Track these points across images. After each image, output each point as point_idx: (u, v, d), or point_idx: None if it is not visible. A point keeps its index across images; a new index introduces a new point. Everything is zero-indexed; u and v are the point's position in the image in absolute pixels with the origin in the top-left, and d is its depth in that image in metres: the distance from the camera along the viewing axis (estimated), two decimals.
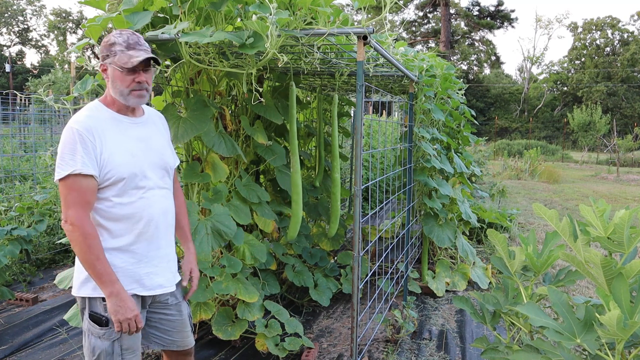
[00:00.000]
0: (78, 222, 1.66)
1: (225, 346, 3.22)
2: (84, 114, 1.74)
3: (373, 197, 6.99)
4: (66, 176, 1.66)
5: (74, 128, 1.69)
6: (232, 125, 3.13)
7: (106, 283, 1.70)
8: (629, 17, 57.81)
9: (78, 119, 1.72)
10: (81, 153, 1.66)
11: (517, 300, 1.98)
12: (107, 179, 1.73)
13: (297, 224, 3.15)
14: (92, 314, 1.79)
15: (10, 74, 37.30)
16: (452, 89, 4.42)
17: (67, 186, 1.67)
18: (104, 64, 1.78)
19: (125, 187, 1.77)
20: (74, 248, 1.69)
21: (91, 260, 1.68)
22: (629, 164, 21.65)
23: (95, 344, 1.78)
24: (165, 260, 1.93)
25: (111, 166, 1.73)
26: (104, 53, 1.77)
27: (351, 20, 2.41)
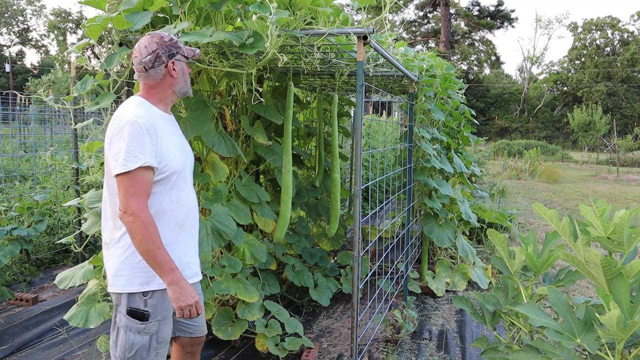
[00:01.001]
0: (140, 212, 1.69)
1: (225, 346, 3.22)
2: (141, 110, 1.79)
3: (373, 197, 6.99)
4: (135, 169, 1.70)
5: (139, 122, 1.73)
6: (232, 125, 3.13)
7: (167, 271, 1.73)
8: (629, 17, 57.86)
9: (139, 114, 1.76)
10: (149, 146, 1.73)
11: (517, 300, 1.98)
12: (163, 173, 1.81)
13: (285, 225, 3.13)
14: (131, 310, 1.82)
15: (10, 74, 37.30)
16: (452, 89, 4.42)
17: (131, 178, 1.70)
18: (173, 62, 1.85)
19: (177, 180, 1.88)
20: (135, 239, 1.71)
21: (153, 250, 1.71)
22: (629, 164, 21.64)
23: (134, 339, 1.82)
24: (197, 250, 2.06)
25: (167, 161, 1.81)
26: (170, 51, 1.84)
27: (351, 20, 2.41)
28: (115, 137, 1.74)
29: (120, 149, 1.71)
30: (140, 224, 1.69)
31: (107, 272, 1.88)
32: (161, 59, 1.83)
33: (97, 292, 2.61)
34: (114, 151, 1.73)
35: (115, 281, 1.84)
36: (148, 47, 1.83)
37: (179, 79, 1.90)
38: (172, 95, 1.92)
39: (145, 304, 1.83)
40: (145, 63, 1.83)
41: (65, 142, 8.18)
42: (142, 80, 1.88)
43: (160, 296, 1.87)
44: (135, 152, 1.71)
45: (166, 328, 1.91)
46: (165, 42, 1.85)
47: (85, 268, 2.66)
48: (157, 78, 1.85)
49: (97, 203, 2.62)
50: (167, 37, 1.87)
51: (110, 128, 1.79)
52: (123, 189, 1.71)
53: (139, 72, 1.86)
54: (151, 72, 1.84)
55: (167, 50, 1.84)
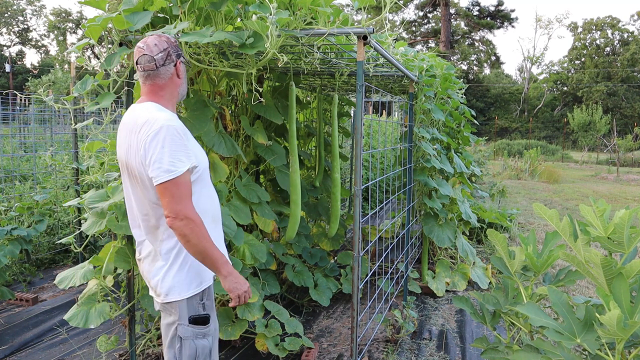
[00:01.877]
0: (192, 214, 1.70)
1: (225, 346, 3.22)
2: (167, 114, 1.78)
3: (373, 197, 6.99)
4: (184, 173, 1.70)
5: (174, 126, 1.72)
6: (232, 125, 3.13)
7: (223, 265, 1.76)
8: (629, 17, 57.85)
9: (170, 118, 1.75)
10: (189, 148, 1.75)
11: (517, 300, 1.98)
12: (197, 171, 1.81)
13: (296, 224, 3.15)
14: (194, 318, 1.84)
15: (10, 74, 37.30)
16: (452, 89, 4.42)
17: (179, 182, 1.69)
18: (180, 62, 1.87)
19: (205, 177, 1.90)
20: (190, 242, 1.70)
21: (209, 248, 1.72)
22: (629, 164, 21.64)
23: (202, 344, 1.86)
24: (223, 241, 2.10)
25: (197, 161, 1.81)
26: (178, 51, 1.86)
27: (351, 20, 2.41)
28: (152, 143, 1.69)
29: (162, 155, 1.68)
30: (194, 226, 1.69)
31: (156, 285, 1.85)
32: (172, 57, 1.83)
33: (97, 292, 2.61)
34: (153, 158, 1.68)
35: (172, 291, 1.82)
36: (159, 45, 1.81)
37: (183, 80, 1.91)
38: (177, 96, 1.92)
39: (204, 307, 1.87)
40: (157, 60, 1.80)
41: (65, 142, 8.18)
42: (149, 81, 1.83)
43: (209, 294, 1.93)
44: (180, 155, 1.70)
45: (217, 325, 1.98)
46: (172, 42, 1.87)
47: (85, 268, 2.66)
48: (166, 77, 1.84)
49: (97, 203, 2.62)
50: (172, 38, 1.89)
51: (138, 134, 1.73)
52: (169, 194, 1.68)
53: (149, 71, 1.81)
54: (162, 70, 1.81)
55: (176, 50, 1.86)
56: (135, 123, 1.77)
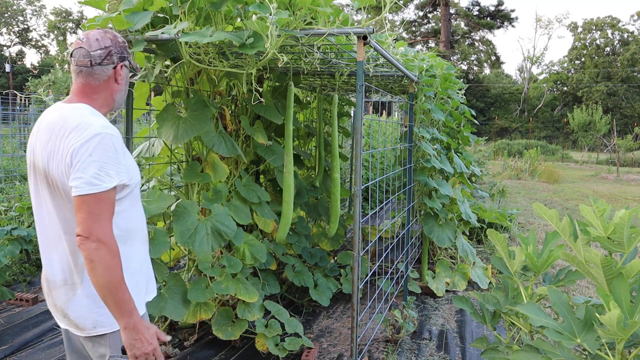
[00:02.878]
0: (107, 239, 1.47)
1: (225, 346, 3.22)
2: (102, 120, 1.58)
3: (373, 197, 6.99)
4: (109, 189, 1.48)
5: (109, 134, 1.52)
6: (232, 125, 3.13)
7: (125, 313, 1.49)
8: (629, 17, 57.83)
9: (105, 124, 1.55)
10: (122, 162, 1.54)
11: (517, 300, 1.98)
12: (129, 187, 1.63)
13: (287, 225, 3.13)
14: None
15: (10, 74, 37.29)
16: (452, 89, 4.42)
17: (101, 199, 1.47)
18: (123, 65, 1.68)
19: (138, 194, 1.72)
20: (95, 270, 1.45)
21: (115, 285, 1.47)
22: (629, 164, 21.65)
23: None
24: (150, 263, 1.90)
25: (129, 177, 1.61)
26: (122, 54, 1.67)
27: (351, 20, 2.41)
28: (80, 150, 1.47)
29: (88, 164, 1.46)
30: (106, 253, 1.45)
31: (78, 317, 1.60)
32: (112, 58, 1.63)
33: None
34: (77, 167, 1.47)
35: (99, 322, 1.60)
36: (101, 40, 1.62)
37: (122, 87, 1.70)
38: (112, 103, 1.70)
39: None
40: (93, 57, 1.60)
41: None
42: (81, 79, 1.62)
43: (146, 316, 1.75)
44: (108, 169, 1.49)
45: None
46: (119, 42, 1.68)
47: None
48: (100, 78, 1.63)
49: None
50: (121, 38, 1.70)
51: (64, 139, 1.51)
52: (87, 210, 1.45)
53: (81, 67, 1.60)
54: (97, 69, 1.61)
55: (120, 51, 1.66)
56: (62, 126, 1.53)
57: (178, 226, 2.57)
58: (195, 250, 2.57)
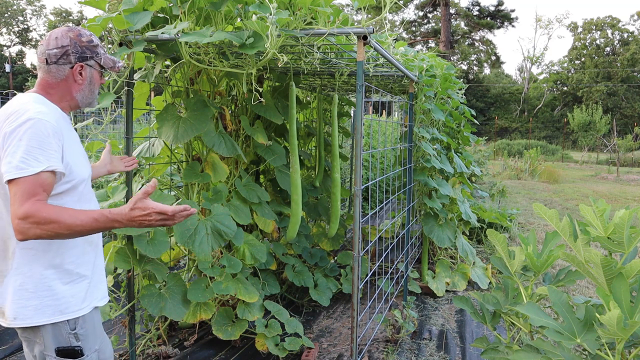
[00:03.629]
0: (32, 211, 1.39)
1: (225, 346, 3.22)
2: (42, 107, 1.53)
3: (373, 197, 6.99)
4: (35, 174, 1.43)
5: (43, 120, 1.48)
6: (232, 125, 3.13)
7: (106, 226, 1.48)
8: (629, 17, 57.84)
9: (42, 111, 1.51)
10: (55, 147, 1.48)
11: (517, 300, 1.98)
12: (69, 181, 1.57)
13: (297, 224, 3.14)
14: (60, 350, 1.56)
15: (10, 74, 37.29)
16: (452, 89, 4.42)
17: (26, 182, 1.41)
18: (82, 65, 1.64)
19: (83, 190, 1.66)
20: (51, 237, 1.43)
21: (79, 230, 1.44)
22: (629, 164, 21.65)
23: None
24: (103, 267, 1.83)
25: (73, 167, 1.57)
26: (82, 53, 1.63)
27: (351, 20, 2.41)
28: (11, 135, 1.45)
29: (17, 149, 1.43)
30: (45, 223, 1.39)
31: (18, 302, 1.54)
32: (68, 57, 1.60)
33: None
34: (8, 151, 1.44)
35: (29, 312, 1.53)
36: (59, 39, 1.60)
37: (84, 87, 1.67)
38: (71, 100, 1.67)
39: (76, 337, 1.59)
40: (48, 55, 1.59)
41: None
42: (40, 74, 1.63)
43: (90, 320, 1.65)
44: (37, 154, 1.44)
45: (107, 350, 1.74)
46: (81, 41, 1.63)
47: None
48: (57, 77, 1.62)
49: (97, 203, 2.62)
50: (86, 37, 1.64)
51: (5, 125, 1.49)
52: (16, 194, 1.41)
53: (39, 63, 1.61)
54: (52, 67, 1.60)
55: (79, 51, 1.62)
56: (4, 112, 1.52)
57: (178, 226, 2.57)
58: (195, 250, 2.57)
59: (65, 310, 1.58)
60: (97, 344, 1.68)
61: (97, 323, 1.70)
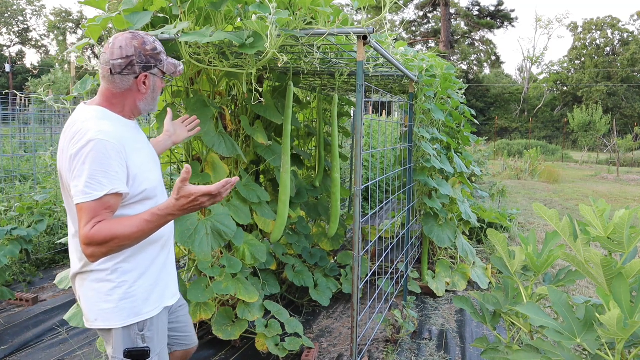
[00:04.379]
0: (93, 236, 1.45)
1: (225, 346, 3.22)
2: (105, 124, 1.54)
3: (373, 197, 6.99)
4: (99, 198, 1.47)
5: (104, 140, 1.48)
6: (232, 125, 3.13)
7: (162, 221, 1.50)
8: (629, 17, 57.86)
9: (103, 129, 1.51)
10: (116, 169, 1.50)
11: (517, 300, 1.98)
12: (140, 192, 1.60)
13: (282, 225, 3.12)
14: (130, 352, 1.63)
15: (10, 74, 37.29)
16: (452, 89, 4.42)
17: (93, 205, 1.47)
18: (147, 75, 1.62)
19: (156, 194, 1.68)
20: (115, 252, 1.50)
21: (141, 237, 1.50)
22: (629, 164, 21.65)
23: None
24: (174, 265, 1.90)
25: (142, 178, 1.60)
26: (147, 63, 1.61)
27: (351, 20, 2.41)
28: (76, 158, 1.48)
29: (81, 172, 1.47)
30: (105, 243, 1.45)
31: (85, 307, 1.64)
32: (133, 68, 1.59)
33: None
34: (74, 174, 1.48)
35: (103, 314, 1.61)
36: (123, 49, 1.58)
37: (147, 96, 1.66)
38: (135, 109, 1.68)
39: (143, 339, 1.65)
40: (112, 66, 1.57)
41: None
42: (103, 83, 1.62)
43: (156, 323, 1.70)
44: (100, 177, 1.46)
45: (165, 355, 1.78)
46: (145, 49, 1.60)
47: None
48: (121, 87, 1.61)
49: None
50: (150, 44, 1.62)
51: (68, 143, 1.52)
52: (82, 217, 1.47)
53: (103, 73, 1.60)
54: (116, 78, 1.59)
55: (145, 61, 1.60)
56: (70, 128, 1.55)
57: (178, 226, 2.57)
58: (195, 250, 2.56)
59: (135, 313, 1.64)
60: (160, 347, 1.73)
61: (162, 326, 1.75)
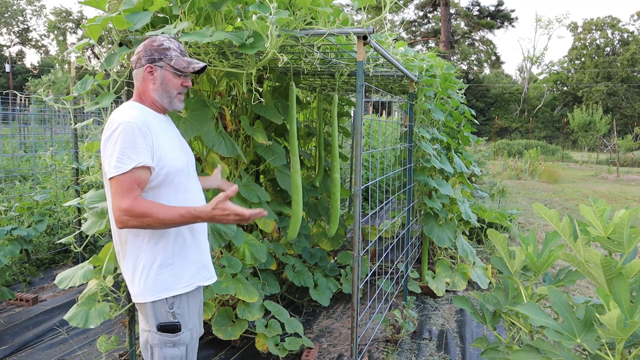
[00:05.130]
0: (130, 206, 1.62)
1: (225, 346, 3.22)
2: (135, 111, 1.75)
3: (373, 197, 6.99)
4: (129, 170, 1.64)
5: (131, 122, 1.68)
6: (232, 125, 3.13)
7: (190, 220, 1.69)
8: (629, 17, 57.86)
9: (132, 114, 1.71)
10: (142, 146, 1.67)
11: (517, 300, 1.97)
12: (164, 174, 1.75)
13: (297, 224, 3.15)
14: (162, 325, 1.78)
15: (10, 74, 37.29)
16: (452, 89, 4.42)
17: (123, 179, 1.64)
18: (151, 66, 1.80)
19: (181, 180, 1.83)
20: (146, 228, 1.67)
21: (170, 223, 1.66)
22: (629, 164, 21.64)
23: (171, 353, 1.80)
24: (208, 250, 2.02)
25: (166, 162, 1.75)
26: (154, 55, 1.79)
27: (351, 20, 2.41)
28: (109, 140, 1.69)
29: (113, 151, 1.66)
30: (140, 216, 1.62)
31: (129, 280, 1.83)
32: (141, 61, 1.80)
33: (97, 292, 2.61)
34: (107, 154, 1.68)
35: (140, 289, 1.79)
36: (138, 48, 1.83)
37: (157, 87, 1.82)
38: (154, 101, 1.85)
39: (174, 315, 1.80)
40: (132, 62, 1.85)
41: (65, 142, 8.18)
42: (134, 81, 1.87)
43: (185, 301, 1.84)
44: (129, 153, 1.65)
45: (196, 335, 1.91)
46: (152, 46, 1.80)
47: (85, 268, 2.66)
48: (138, 80, 1.84)
49: (97, 203, 2.62)
50: (157, 42, 1.82)
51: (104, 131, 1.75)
52: (115, 191, 1.65)
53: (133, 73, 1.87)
54: (134, 73, 1.84)
55: (149, 54, 1.79)
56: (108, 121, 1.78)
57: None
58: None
59: (166, 290, 1.79)
60: (191, 323, 1.87)
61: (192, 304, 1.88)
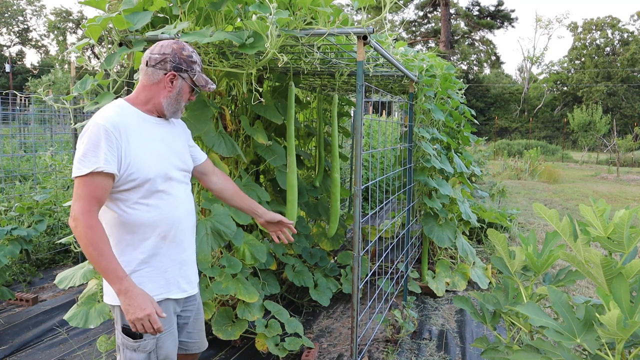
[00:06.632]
0: (82, 215, 1.59)
1: (225, 346, 3.22)
2: (111, 110, 1.70)
3: (373, 197, 6.99)
4: (87, 174, 1.60)
5: (100, 123, 1.63)
6: (232, 125, 3.13)
7: (113, 280, 1.61)
8: (629, 17, 57.87)
9: (105, 115, 1.67)
10: (104, 150, 1.62)
11: (517, 300, 1.97)
12: (133, 180, 1.69)
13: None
14: (125, 327, 1.75)
15: (10, 74, 37.28)
16: (452, 89, 4.42)
17: (83, 182, 1.61)
18: (175, 74, 1.77)
19: (152, 188, 1.74)
20: (80, 243, 1.61)
21: (95, 256, 1.59)
22: (629, 164, 21.64)
23: (131, 357, 1.76)
24: (190, 262, 1.95)
25: (137, 167, 1.69)
26: (182, 65, 1.77)
27: (351, 20, 2.41)
28: (80, 139, 1.67)
29: (79, 151, 1.63)
30: (81, 229, 1.58)
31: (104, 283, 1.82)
32: (165, 65, 1.75)
33: (97, 292, 2.61)
34: (76, 152, 1.65)
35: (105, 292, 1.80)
36: (163, 47, 1.77)
37: (171, 95, 1.79)
38: (158, 104, 1.80)
39: None
40: (149, 58, 1.76)
41: (65, 142, 8.18)
42: (140, 76, 1.80)
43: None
44: (90, 156, 1.61)
45: (168, 344, 1.82)
46: (181, 54, 1.77)
47: (85, 268, 2.66)
48: (151, 80, 1.77)
49: None
50: (187, 52, 1.79)
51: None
52: (76, 192, 1.62)
53: (141, 65, 1.79)
54: (149, 70, 1.76)
55: (177, 62, 1.76)
56: None
57: None
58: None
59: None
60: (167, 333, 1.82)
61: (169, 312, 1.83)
